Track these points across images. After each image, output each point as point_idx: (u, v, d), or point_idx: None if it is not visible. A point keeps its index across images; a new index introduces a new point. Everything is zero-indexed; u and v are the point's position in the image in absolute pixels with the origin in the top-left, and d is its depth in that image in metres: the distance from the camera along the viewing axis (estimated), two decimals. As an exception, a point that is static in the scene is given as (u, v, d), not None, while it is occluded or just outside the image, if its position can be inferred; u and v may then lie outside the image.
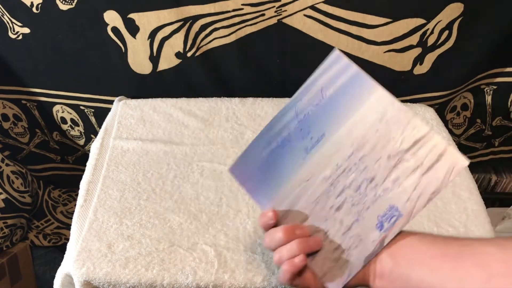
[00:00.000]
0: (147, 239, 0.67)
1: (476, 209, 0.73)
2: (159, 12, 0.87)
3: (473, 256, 0.36)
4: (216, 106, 0.95)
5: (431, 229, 0.70)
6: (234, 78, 0.99)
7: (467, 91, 1.07)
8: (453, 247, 0.39)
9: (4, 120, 1.09)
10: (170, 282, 0.62)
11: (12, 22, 0.90)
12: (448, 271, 0.37)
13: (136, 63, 0.95)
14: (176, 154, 0.83)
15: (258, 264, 0.64)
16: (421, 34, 0.90)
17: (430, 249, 0.40)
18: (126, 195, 0.74)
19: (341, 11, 0.87)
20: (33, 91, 1.05)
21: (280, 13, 0.87)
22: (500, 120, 1.12)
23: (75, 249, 0.65)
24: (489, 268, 0.35)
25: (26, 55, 0.96)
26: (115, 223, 0.69)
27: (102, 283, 0.62)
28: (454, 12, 0.87)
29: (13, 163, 1.07)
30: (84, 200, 0.74)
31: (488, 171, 1.27)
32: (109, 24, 0.89)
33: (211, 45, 0.92)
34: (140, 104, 0.95)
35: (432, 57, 0.95)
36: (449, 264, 0.37)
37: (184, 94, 0.98)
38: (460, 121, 1.13)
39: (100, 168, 0.80)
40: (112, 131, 0.88)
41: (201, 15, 0.87)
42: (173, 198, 0.74)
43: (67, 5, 0.86)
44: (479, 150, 1.21)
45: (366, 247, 0.44)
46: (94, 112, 1.08)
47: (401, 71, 0.96)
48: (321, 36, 0.90)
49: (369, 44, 0.91)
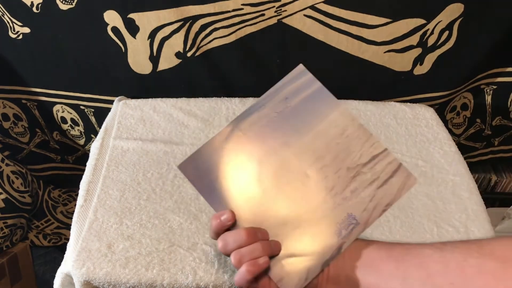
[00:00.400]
0: (147, 239, 0.67)
1: (476, 209, 0.73)
2: (159, 12, 0.87)
3: (414, 257, 0.39)
4: (216, 106, 0.95)
5: (431, 229, 0.70)
6: (234, 78, 0.99)
7: (467, 91, 1.07)
8: (396, 249, 0.41)
9: (4, 119, 1.09)
10: (170, 282, 0.62)
11: (12, 21, 0.90)
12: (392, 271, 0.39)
13: (136, 63, 0.95)
14: (176, 154, 0.83)
15: (258, 264, 0.64)
16: (421, 34, 0.90)
17: (376, 252, 0.42)
18: (126, 195, 0.74)
19: (341, 11, 0.87)
20: (33, 90, 1.05)
21: (280, 13, 0.87)
22: (500, 120, 1.12)
23: (75, 249, 0.66)
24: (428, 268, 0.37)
25: (26, 55, 0.96)
26: (115, 223, 0.69)
27: (102, 283, 0.62)
28: (455, 12, 0.87)
29: (13, 163, 1.07)
30: (84, 200, 0.74)
31: (488, 171, 1.27)
32: (109, 24, 0.89)
33: (211, 45, 0.92)
34: (140, 104, 0.95)
35: (432, 58, 0.95)
36: (393, 264, 0.39)
37: (184, 94, 0.98)
38: (460, 121, 1.13)
39: (100, 168, 0.80)
40: (112, 131, 0.88)
41: (201, 15, 0.87)
42: (173, 198, 0.74)
43: (67, 5, 0.86)
44: (478, 150, 1.21)
45: (324, 253, 0.45)
46: (94, 112, 1.08)
47: (401, 71, 0.96)
48: (321, 36, 0.90)
49: (369, 44, 0.91)
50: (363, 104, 0.96)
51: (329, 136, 0.47)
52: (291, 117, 0.48)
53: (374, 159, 0.46)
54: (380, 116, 0.93)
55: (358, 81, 1.00)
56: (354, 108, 0.95)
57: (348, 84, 1.00)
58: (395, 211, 0.73)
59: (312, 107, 0.47)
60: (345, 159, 0.46)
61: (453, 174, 0.80)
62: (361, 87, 1.01)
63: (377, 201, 0.46)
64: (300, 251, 0.45)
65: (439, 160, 0.83)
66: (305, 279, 0.44)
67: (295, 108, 0.48)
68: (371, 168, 0.46)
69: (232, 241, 0.43)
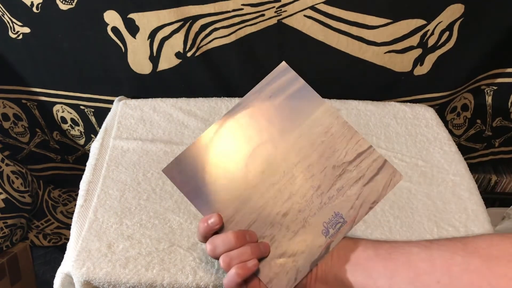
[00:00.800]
0: (147, 239, 0.67)
1: (476, 209, 0.73)
2: (159, 12, 0.87)
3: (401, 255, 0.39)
4: (216, 106, 0.95)
5: (431, 229, 0.70)
6: (234, 78, 0.99)
7: (468, 91, 1.07)
8: (383, 248, 0.41)
9: (4, 119, 1.09)
10: (170, 282, 0.62)
11: (12, 21, 0.90)
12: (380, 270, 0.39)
13: (136, 63, 0.95)
14: (176, 154, 0.82)
15: (258, 264, 0.64)
16: (421, 35, 0.90)
17: (364, 251, 0.42)
18: (126, 195, 0.74)
19: (341, 12, 0.87)
20: (33, 90, 1.05)
21: (280, 13, 0.87)
22: (501, 121, 1.12)
23: (75, 249, 0.65)
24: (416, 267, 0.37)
25: (26, 54, 0.96)
26: (115, 223, 0.69)
27: (102, 283, 0.62)
28: (455, 13, 0.87)
29: (13, 163, 1.07)
30: (84, 200, 0.74)
31: (488, 171, 1.27)
32: (109, 24, 0.89)
33: (211, 45, 0.92)
34: (140, 104, 0.95)
35: (432, 58, 0.95)
36: (381, 263, 0.40)
37: (184, 94, 0.98)
38: (460, 121, 1.13)
39: (100, 168, 0.80)
40: (112, 131, 0.88)
41: (201, 15, 0.87)
42: (173, 198, 0.74)
43: (67, 5, 0.86)
44: (479, 151, 1.21)
45: (312, 252, 0.45)
46: (94, 112, 1.08)
47: (401, 72, 0.96)
48: (321, 37, 0.90)
49: (369, 44, 0.91)
50: (363, 104, 0.96)
51: (313, 134, 0.47)
52: (276, 116, 0.47)
53: (359, 157, 0.46)
54: (380, 116, 0.93)
55: (358, 82, 1.00)
56: (354, 108, 0.95)
57: (348, 85, 1.00)
58: (395, 211, 0.73)
59: (296, 105, 0.47)
60: (331, 157, 0.46)
61: (453, 174, 0.80)
62: (361, 88, 1.01)
63: (364, 198, 0.46)
64: (288, 252, 0.45)
65: (439, 160, 0.83)
66: (294, 279, 0.44)
67: (279, 106, 0.47)
68: (357, 166, 0.46)
69: (221, 245, 0.43)
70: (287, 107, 0.47)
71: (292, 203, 0.46)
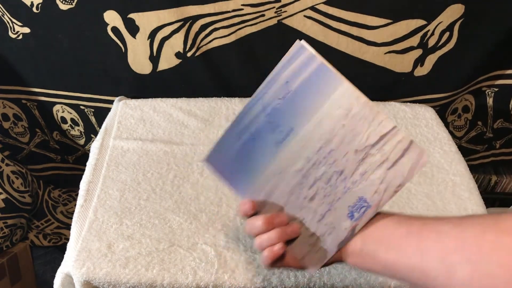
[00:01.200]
0: (147, 239, 0.67)
1: (476, 209, 0.73)
2: (159, 12, 0.87)
3: (432, 233, 0.39)
4: (216, 106, 0.95)
5: (431, 229, 0.70)
6: (234, 78, 0.99)
7: (468, 93, 1.07)
8: (415, 225, 0.42)
9: (4, 119, 1.09)
10: (170, 282, 0.62)
11: (12, 21, 0.90)
12: (412, 248, 0.40)
13: (136, 63, 0.95)
14: (176, 154, 0.83)
15: (258, 264, 0.64)
16: (421, 36, 0.90)
17: (397, 228, 0.43)
18: (126, 195, 0.74)
19: (341, 12, 0.87)
20: (33, 90, 1.05)
21: (280, 13, 0.87)
22: (501, 123, 1.12)
23: (75, 249, 0.65)
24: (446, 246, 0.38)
25: (26, 55, 0.96)
26: (115, 223, 0.69)
27: (102, 283, 0.62)
28: (455, 13, 0.87)
29: (13, 163, 1.07)
30: (84, 200, 0.74)
31: (488, 171, 1.27)
32: (109, 24, 0.89)
33: (211, 45, 0.92)
34: (140, 104, 0.95)
35: (432, 59, 0.95)
36: (413, 241, 0.40)
37: (184, 94, 0.98)
38: (461, 123, 1.13)
39: (100, 168, 0.80)
40: (112, 131, 0.88)
41: (201, 15, 0.87)
42: (173, 198, 0.74)
43: (67, 5, 0.86)
44: (480, 152, 1.21)
45: (338, 234, 0.46)
46: (94, 112, 1.08)
47: (401, 72, 0.96)
48: (321, 37, 0.90)
49: (369, 45, 0.91)
50: (363, 104, 0.96)
51: (333, 118, 0.45)
52: (294, 103, 0.46)
53: (382, 139, 0.44)
54: (380, 116, 0.93)
55: (358, 82, 0.98)
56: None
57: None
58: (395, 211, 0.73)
59: (313, 89, 0.45)
60: (352, 141, 0.45)
61: (453, 174, 0.80)
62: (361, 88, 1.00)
63: (388, 183, 0.44)
64: (317, 233, 0.47)
65: (439, 160, 0.83)
66: (324, 257, 0.47)
67: (296, 91, 0.46)
68: (380, 149, 0.44)
69: (253, 228, 0.47)
70: (305, 92, 0.46)
71: (317, 188, 0.47)
